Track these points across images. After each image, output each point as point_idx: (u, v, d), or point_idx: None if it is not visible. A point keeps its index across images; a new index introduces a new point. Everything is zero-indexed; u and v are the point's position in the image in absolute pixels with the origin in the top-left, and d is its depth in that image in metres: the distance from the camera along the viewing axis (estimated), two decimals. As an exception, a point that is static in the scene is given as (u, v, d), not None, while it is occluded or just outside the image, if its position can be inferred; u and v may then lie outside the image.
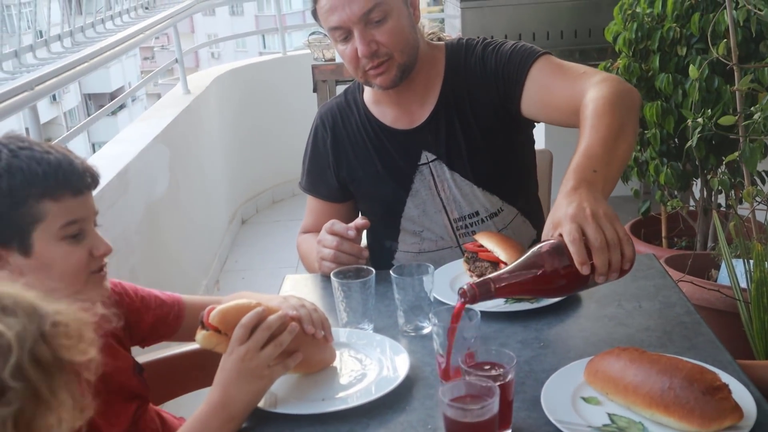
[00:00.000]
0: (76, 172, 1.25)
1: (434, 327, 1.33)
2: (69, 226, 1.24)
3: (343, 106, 1.96)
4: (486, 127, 1.85)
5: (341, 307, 1.54)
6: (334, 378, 1.39)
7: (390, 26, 1.74)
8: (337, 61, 3.69)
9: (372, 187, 1.93)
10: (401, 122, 1.90)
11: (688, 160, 2.81)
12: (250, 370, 1.26)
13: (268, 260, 4.52)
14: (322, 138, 1.96)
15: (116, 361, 1.40)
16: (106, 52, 2.88)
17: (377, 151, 1.90)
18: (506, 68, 1.80)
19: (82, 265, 1.27)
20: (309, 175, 2.01)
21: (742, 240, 2.28)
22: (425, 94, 1.87)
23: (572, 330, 1.50)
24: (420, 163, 1.88)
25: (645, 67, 2.78)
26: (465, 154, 1.85)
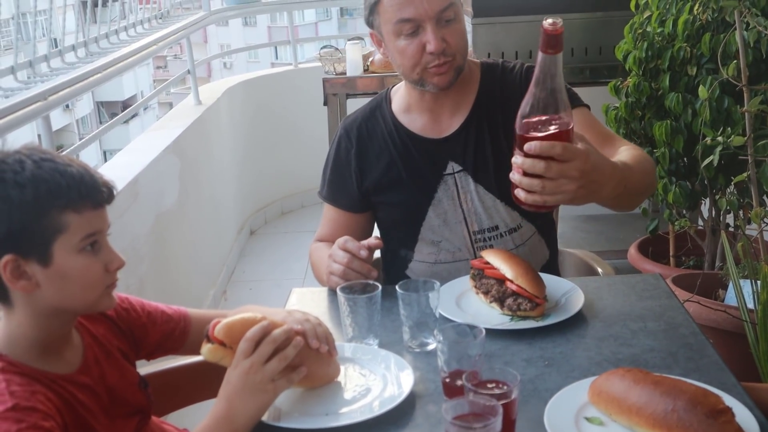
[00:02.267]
0: (96, 185, 1.26)
1: (439, 344, 1.34)
2: (88, 238, 1.25)
3: (369, 117, 1.97)
4: None
5: (347, 321, 1.55)
6: (338, 393, 1.39)
7: (458, 27, 1.78)
8: (348, 75, 3.71)
9: (395, 194, 1.93)
10: (430, 131, 1.91)
11: (697, 180, 2.81)
12: (254, 383, 1.26)
13: (276, 271, 4.53)
14: (346, 148, 1.97)
15: (122, 375, 1.41)
16: (120, 62, 2.90)
17: (402, 159, 1.91)
18: None
19: (98, 280, 1.28)
20: (330, 185, 2.01)
21: (749, 261, 2.28)
22: (458, 104, 1.90)
23: (577, 349, 1.50)
24: (445, 173, 1.89)
25: (655, 86, 2.79)
26: (492, 168, 1.87)
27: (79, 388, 1.30)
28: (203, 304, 3.84)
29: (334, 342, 1.42)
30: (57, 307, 1.27)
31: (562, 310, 1.61)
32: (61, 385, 1.27)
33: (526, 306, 1.59)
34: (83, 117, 23.35)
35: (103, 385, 1.36)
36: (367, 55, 3.80)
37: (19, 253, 1.21)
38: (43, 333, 1.28)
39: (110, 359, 1.40)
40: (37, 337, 1.27)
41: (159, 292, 3.05)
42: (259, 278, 4.47)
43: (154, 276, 3.05)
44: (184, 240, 3.66)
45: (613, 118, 2.95)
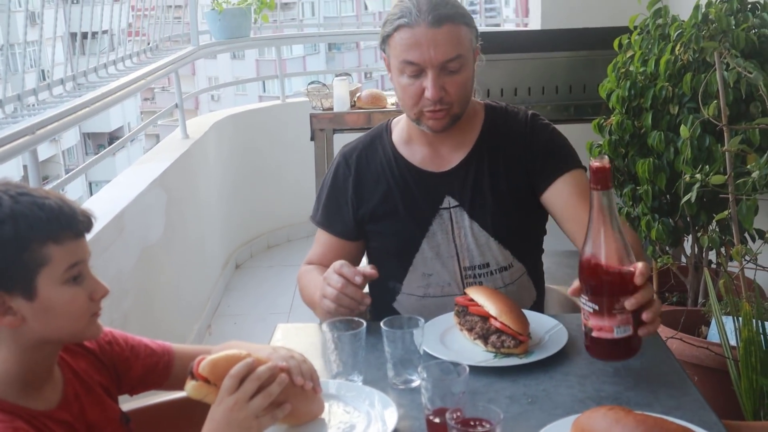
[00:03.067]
0: (75, 215, 1.27)
1: (423, 381, 1.34)
2: (72, 268, 1.26)
3: (369, 146, 1.99)
4: (515, 185, 1.91)
5: (332, 358, 1.55)
6: (322, 430, 1.39)
7: (461, 79, 1.80)
8: (335, 111, 3.74)
9: (390, 224, 1.94)
10: (430, 164, 1.94)
11: (680, 217, 2.84)
12: (238, 420, 1.26)
13: (261, 305, 4.51)
14: (344, 175, 1.98)
15: (103, 411, 1.40)
16: (108, 97, 2.92)
17: (400, 189, 1.93)
18: (550, 154, 1.91)
19: (84, 310, 1.28)
20: (324, 210, 2.02)
21: (731, 298, 2.30)
22: (460, 141, 1.93)
23: (560, 386, 1.51)
24: (441, 207, 1.91)
25: (638, 124, 2.82)
26: (489, 206, 1.89)
27: (58, 425, 1.30)
28: (188, 338, 3.82)
29: (319, 379, 1.42)
30: (43, 339, 1.27)
31: (545, 348, 1.62)
32: (41, 421, 1.27)
33: (509, 343, 1.60)
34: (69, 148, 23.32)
35: (83, 422, 1.35)
36: (354, 91, 3.83)
37: (2, 290, 1.21)
38: (26, 368, 1.27)
39: (91, 395, 1.39)
40: (19, 373, 1.27)
41: (143, 326, 3.04)
42: (244, 312, 4.45)
43: (138, 310, 3.04)
44: (169, 274, 3.65)
45: (597, 155, 2.99)
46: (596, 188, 1.41)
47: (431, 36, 1.75)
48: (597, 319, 1.43)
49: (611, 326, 1.42)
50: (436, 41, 1.75)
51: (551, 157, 1.91)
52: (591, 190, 1.42)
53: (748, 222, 1.98)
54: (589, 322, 1.45)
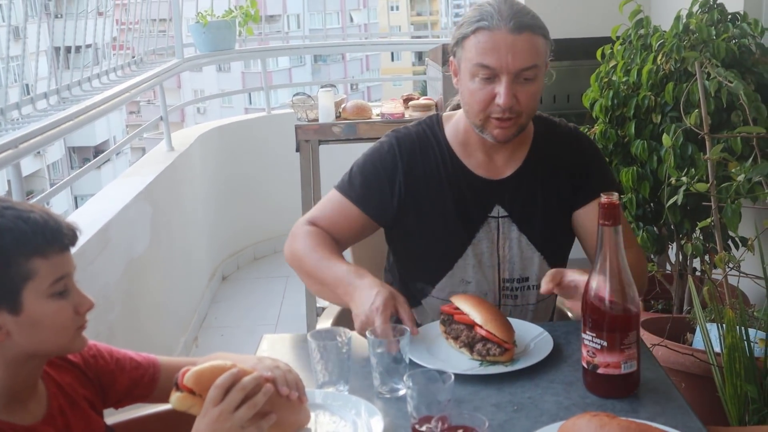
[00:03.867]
0: (60, 229, 1.26)
1: (408, 389, 1.34)
2: (57, 283, 1.25)
3: (423, 138, 1.92)
4: (565, 201, 1.92)
5: (317, 367, 1.55)
6: (308, 440, 1.39)
7: (534, 89, 1.78)
8: (321, 122, 3.74)
9: (438, 225, 1.88)
10: (483, 170, 1.90)
11: (664, 225, 2.86)
12: (223, 431, 1.26)
13: (248, 317, 4.50)
14: (394, 159, 1.89)
15: (88, 425, 1.40)
16: (92, 110, 2.91)
17: (453, 192, 1.88)
18: (594, 173, 1.93)
19: (69, 323, 1.28)
20: (363, 181, 1.91)
21: (715, 305, 2.31)
22: (514, 151, 1.91)
23: (546, 394, 1.51)
24: (490, 215, 1.89)
25: (621, 133, 2.84)
26: (539, 220, 1.89)
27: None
28: (174, 350, 3.81)
29: (304, 388, 1.42)
30: (28, 353, 1.26)
31: (531, 355, 1.63)
32: None
33: (495, 351, 1.60)
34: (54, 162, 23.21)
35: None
36: (339, 102, 3.84)
37: None
38: (11, 382, 1.27)
39: (75, 409, 1.39)
40: (3, 387, 1.26)
41: (129, 339, 3.03)
42: (231, 324, 4.44)
43: (124, 323, 3.03)
44: (155, 287, 3.63)
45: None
46: (606, 224, 1.43)
47: (511, 42, 1.72)
48: (605, 356, 1.45)
49: (619, 362, 1.44)
50: (515, 48, 1.72)
51: (596, 175, 1.92)
52: (600, 225, 1.43)
53: (733, 226, 2.00)
54: (595, 359, 1.46)
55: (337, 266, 1.77)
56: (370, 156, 1.93)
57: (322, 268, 1.80)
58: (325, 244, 1.85)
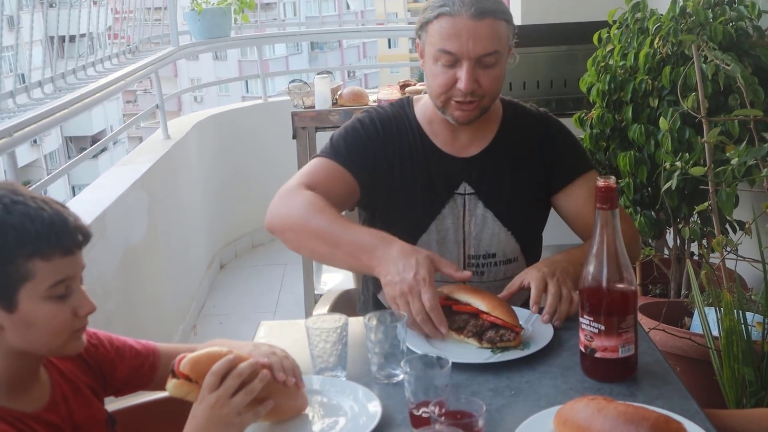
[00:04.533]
0: (69, 232, 1.24)
1: (406, 374, 1.34)
2: (57, 286, 1.23)
3: (398, 117, 1.96)
4: (533, 181, 1.94)
5: (315, 354, 1.55)
6: (306, 426, 1.39)
7: (495, 73, 1.80)
8: (317, 108, 3.73)
9: (404, 202, 1.92)
10: (450, 148, 1.94)
11: (662, 209, 2.85)
12: (220, 417, 1.25)
13: (246, 305, 4.51)
14: (376, 132, 1.93)
15: (90, 413, 1.39)
16: (87, 98, 2.90)
17: (421, 169, 1.92)
18: (568, 155, 1.96)
19: (65, 326, 1.26)
20: (345, 145, 1.90)
21: (713, 289, 2.31)
22: (481, 131, 1.94)
23: (544, 378, 1.51)
24: (456, 192, 1.91)
25: (618, 118, 2.84)
26: (506, 197, 1.91)
27: (45, 427, 1.29)
28: (172, 338, 3.81)
29: (301, 374, 1.42)
30: (22, 350, 1.26)
31: (536, 338, 1.63)
32: (26, 423, 1.26)
33: (508, 336, 1.59)
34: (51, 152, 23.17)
35: (70, 423, 1.34)
36: (335, 89, 3.83)
37: None
38: (11, 371, 1.26)
39: (78, 396, 1.39)
40: (3, 375, 1.26)
41: (127, 328, 3.02)
42: (229, 312, 4.44)
43: (121, 312, 3.03)
44: (153, 275, 3.63)
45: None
46: (603, 207, 1.43)
47: (472, 28, 1.74)
48: (603, 340, 1.45)
49: (617, 345, 1.44)
50: (476, 34, 1.74)
51: (568, 158, 1.95)
52: (597, 209, 1.43)
53: (727, 210, 2.00)
54: (592, 343, 1.46)
55: (357, 230, 1.72)
56: (351, 127, 1.95)
57: (336, 230, 1.71)
58: (332, 207, 1.77)
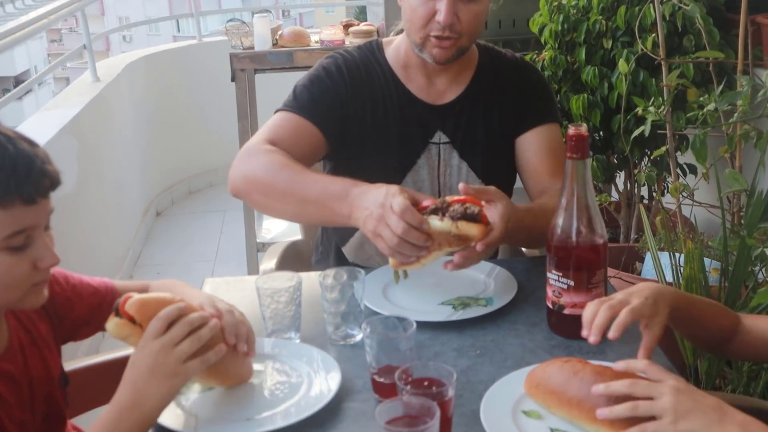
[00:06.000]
0: (32, 177, 1.09)
1: (367, 339, 1.25)
2: (15, 236, 1.10)
3: (365, 61, 1.84)
4: (506, 128, 1.84)
5: (266, 315, 1.45)
6: (259, 395, 1.29)
7: (476, 10, 1.70)
8: (257, 50, 3.56)
9: (378, 150, 1.80)
10: (425, 95, 1.83)
11: (614, 153, 2.81)
12: (163, 365, 1.14)
13: (185, 254, 4.37)
14: (342, 79, 1.79)
15: (45, 366, 1.28)
16: (8, 37, 2.69)
17: (395, 116, 1.81)
18: (535, 101, 1.86)
19: (23, 278, 1.13)
20: (309, 97, 1.78)
21: (668, 233, 2.28)
22: (456, 75, 1.84)
23: (509, 336, 1.44)
24: (431, 141, 1.82)
25: (571, 59, 2.76)
26: (481, 147, 1.82)
27: (0, 376, 1.18)
28: (108, 291, 3.66)
29: (254, 343, 1.31)
30: None
31: (500, 293, 1.55)
32: None
33: (473, 209, 1.37)
34: (-28, 94, 22.22)
35: (26, 375, 1.23)
36: (275, 29, 3.66)
37: None
38: None
39: (34, 347, 1.27)
40: None
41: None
42: (167, 262, 4.30)
43: (53, 265, 2.87)
44: (85, 225, 3.46)
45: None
46: (573, 157, 1.34)
47: None
48: (571, 296, 1.38)
49: (586, 302, 1.36)
50: None
51: (535, 104, 1.86)
52: (567, 159, 1.35)
53: (701, 157, 1.94)
54: (561, 300, 1.39)
55: (324, 180, 1.60)
56: (316, 76, 1.82)
57: (303, 185, 1.60)
58: (297, 163, 1.66)
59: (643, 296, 1.21)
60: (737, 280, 1.91)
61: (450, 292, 1.59)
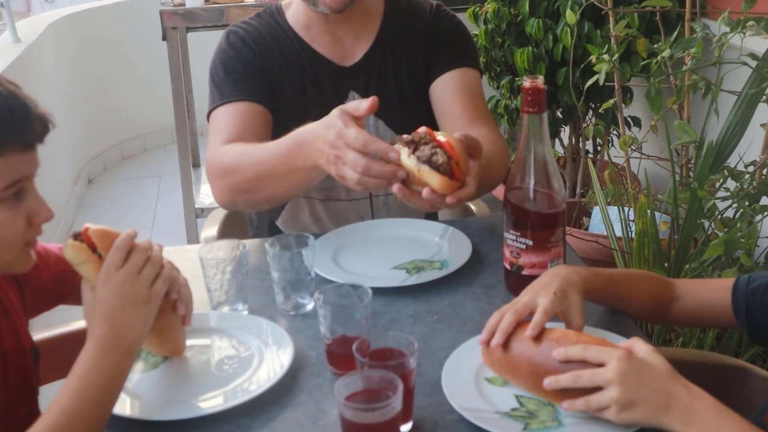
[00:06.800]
0: (28, 121, 1.03)
1: (321, 309, 1.18)
2: (12, 186, 1.03)
3: (268, 28, 1.73)
4: (417, 79, 1.76)
5: (211, 286, 1.36)
6: (207, 373, 1.22)
7: None
8: (188, 6, 3.41)
9: (299, 117, 1.64)
10: (334, 55, 1.74)
11: (558, 107, 2.77)
12: (134, 294, 1.09)
13: (120, 222, 4.21)
14: (251, 54, 1.70)
15: (18, 339, 1.20)
16: None
17: (310, 79, 1.72)
18: (448, 46, 1.75)
19: (18, 235, 1.07)
20: (233, 81, 1.68)
21: (617, 187, 2.26)
22: (361, 29, 1.74)
23: (466, 300, 1.39)
24: (346, 102, 1.71)
25: (514, 12, 2.70)
26: (394, 103, 1.74)
27: None
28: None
29: (192, 312, 1.22)
30: None
31: (455, 255, 1.50)
32: None
33: (438, 159, 1.24)
34: None
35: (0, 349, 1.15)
36: (207, -16, 3.51)
37: None
38: None
39: (7, 319, 1.19)
40: None
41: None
42: (102, 231, 4.15)
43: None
44: (13, 195, 3.30)
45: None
46: (530, 111, 1.28)
47: None
48: (530, 256, 1.33)
49: (545, 261, 1.33)
50: None
51: (448, 49, 1.76)
52: (523, 113, 1.29)
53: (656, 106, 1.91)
54: (519, 260, 1.34)
55: (274, 146, 1.50)
56: (225, 57, 1.72)
57: (266, 153, 1.49)
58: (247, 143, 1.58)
59: (551, 292, 1.15)
60: (688, 233, 1.90)
61: (402, 255, 1.53)
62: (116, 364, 1.07)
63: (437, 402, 1.12)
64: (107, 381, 1.06)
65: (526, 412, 1.09)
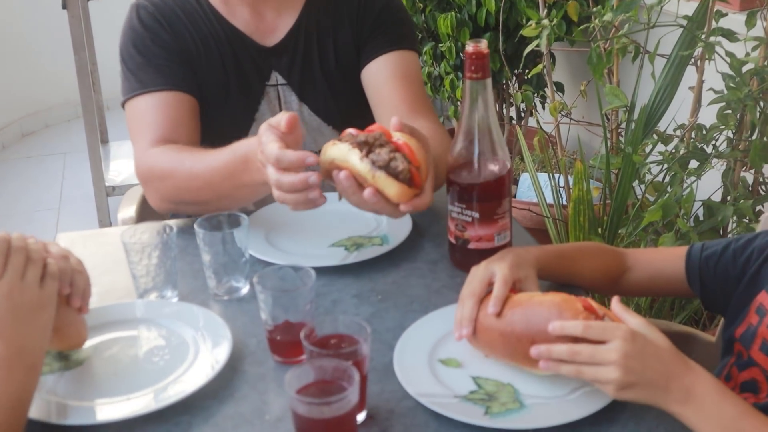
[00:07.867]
0: None
1: (261, 294, 1.10)
2: None
3: (183, 3, 1.57)
4: (345, 62, 1.63)
5: (137, 273, 1.26)
6: (137, 367, 1.12)
7: None
8: (89, -28, 3.21)
9: (221, 100, 1.58)
10: (254, 30, 1.60)
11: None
12: (23, 303, 0.97)
13: (23, 203, 3.99)
14: (163, 32, 1.55)
15: None
16: None
17: (229, 59, 1.58)
18: (381, 27, 1.62)
19: None
20: (156, 68, 1.54)
21: (547, 153, 2.24)
22: (285, 6, 1.61)
23: (411, 276, 1.33)
24: (268, 84, 1.60)
25: (436, -24, 2.63)
26: (320, 87, 1.62)
27: None
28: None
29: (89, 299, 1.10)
30: None
31: (395, 231, 1.42)
32: None
33: (398, 165, 1.12)
34: None
35: None
36: (108, -52, 3.31)
37: None
38: None
39: None
40: None
41: None
42: (5, 213, 3.90)
43: None
44: None
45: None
46: (474, 77, 1.21)
47: None
48: (476, 229, 1.27)
49: (492, 234, 1.27)
50: None
51: (382, 30, 1.62)
52: (465, 79, 1.22)
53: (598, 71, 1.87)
54: (465, 234, 1.28)
55: (212, 156, 1.39)
56: (135, 37, 1.56)
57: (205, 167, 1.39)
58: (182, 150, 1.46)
59: (506, 263, 1.11)
60: (622, 198, 1.88)
61: (339, 232, 1.45)
62: (20, 383, 0.96)
63: (390, 388, 1.06)
64: (13, 404, 0.95)
65: (486, 394, 1.03)
